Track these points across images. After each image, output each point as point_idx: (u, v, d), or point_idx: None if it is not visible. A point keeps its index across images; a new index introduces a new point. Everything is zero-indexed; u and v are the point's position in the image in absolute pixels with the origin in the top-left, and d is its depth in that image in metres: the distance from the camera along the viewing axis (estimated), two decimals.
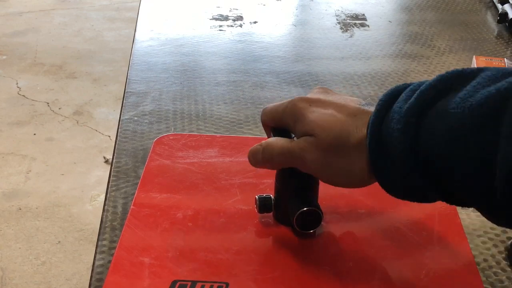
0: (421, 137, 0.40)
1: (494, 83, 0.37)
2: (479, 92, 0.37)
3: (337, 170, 0.47)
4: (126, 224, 0.56)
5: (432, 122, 0.40)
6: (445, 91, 0.40)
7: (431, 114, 0.40)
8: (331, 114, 0.47)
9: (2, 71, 2.99)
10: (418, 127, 0.40)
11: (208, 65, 0.95)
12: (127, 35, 3.35)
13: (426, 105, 0.40)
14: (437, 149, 0.39)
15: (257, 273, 0.50)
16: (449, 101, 0.39)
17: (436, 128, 0.39)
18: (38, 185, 2.15)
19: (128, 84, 0.88)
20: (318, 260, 0.52)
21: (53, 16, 3.72)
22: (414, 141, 0.40)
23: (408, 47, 1.05)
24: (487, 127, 0.36)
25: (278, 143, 0.51)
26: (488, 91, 0.37)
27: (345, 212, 0.58)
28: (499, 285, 0.52)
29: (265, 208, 0.56)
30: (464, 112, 0.37)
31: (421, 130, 0.40)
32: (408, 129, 0.41)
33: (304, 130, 0.48)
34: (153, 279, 0.49)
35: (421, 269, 0.51)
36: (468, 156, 0.37)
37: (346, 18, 1.18)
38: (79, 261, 1.82)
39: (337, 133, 0.46)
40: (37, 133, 2.47)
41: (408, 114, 0.41)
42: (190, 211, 0.58)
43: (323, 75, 0.93)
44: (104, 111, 2.65)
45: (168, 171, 0.64)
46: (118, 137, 0.73)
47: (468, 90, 0.38)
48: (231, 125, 0.77)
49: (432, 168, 0.40)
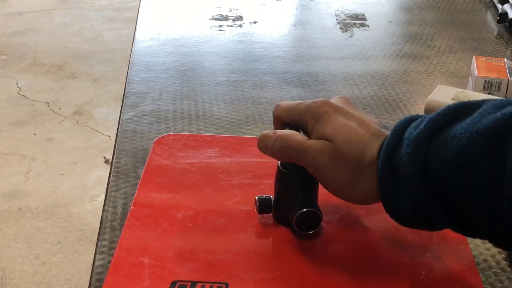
0: (430, 161, 0.41)
1: (499, 109, 0.38)
2: (485, 117, 0.39)
3: (344, 183, 0.48)
4: (126, 224, 0.56)
5: (441, 147, 0.41)
6: (453, 119, 0.42)
7: (440, 140, 0.41)
8: (354, 127, 0.48)
9: (2, 71, 2.99)
10: (427, 152, 0.41)
11: (208, 65, 0.95)
12: (127, 35, 3.35)
13: (435, 132, 0.42)
14: (445, 173, 0.40)
15: (257, 274, 0.50)
16: (457, 127, 0.40)
17: (445, 152, 0.40)
18: (38, 185, 2.15)
19: (128, 84, 0.87)
20: (318, 261, 0.52)
21: (53, 16, 3.72)
22: (423, 166, 0.41)
23: (408, 47, 1.05)
24: (494, 150, 0.37)
25: (295, 137, 0.51)
26: (495, 116, 0.38)
27: (345, 213, 0.58)
28: (499, 285, 0.52)
29: (265, 209, 0.56)
30: (471, 136, 0.38)
31: (430, 155, 0.41)
32: (417, 154, 0.42)
33: (323, 133, 0.49)
34: (153, 280, 0.49)
35: (421, 269, 0.51)
36: (476, 179, 0.38)
37: (346, 18, 1.18)
38: (79, 261, 1.82)
39: (356, 147, 0.47)
40: (37, 133, 2.47)
41: (417, 139, 0.42)
42: (190, 211, 0.58)
43: (323, 75, 0.93)
44: (104, 111, 2.66)
45: (168, 172, 0.64)
46: (118, 137, 0.73)
47: (474, 117, 0.40)
48: (231, 125, 0.77)
49: (440, 192, 0.41)
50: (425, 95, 0.83)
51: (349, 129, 0.48)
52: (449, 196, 0.40)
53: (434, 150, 0.41)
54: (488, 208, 0.38)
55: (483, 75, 0.84)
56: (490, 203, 0.37)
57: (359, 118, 0.49)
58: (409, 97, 0.86)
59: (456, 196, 0.40)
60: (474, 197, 0.38)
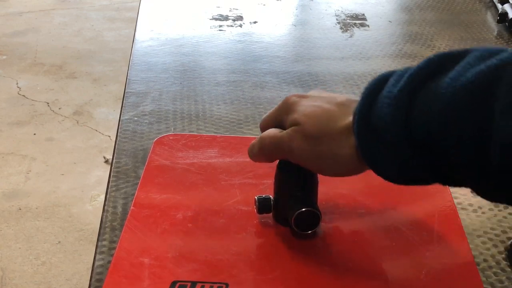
0: (414, 119, 0.40)
1: (483, 61, 0.37)
2: (469, 71, 0.37)
3: (325, 158, 0.47)
4: (126, 224, 0.56)
5: (424, 103, 0.39)
6: (434, 73, 0.40)
7: (422, 96, 0.39)
8: (319, 105, 0.48)
9: (2, 71, 2.99)
10: (410, 109, 0.40)
11: (208, 65, 0.95)
12: (127, 35, 3.35)
13: (416, 88, 0.40)
14: (432, 130, 0.38)
15: (257, 274, 0.50)
16: (440, 82, 0.39)
17: (429, 109, 0.39)
18: (38, 185, 2.15)
19: (128, 84, 0.87)
20: (318, 261, 0.52)
21: (53, 16, 3.72)
22: (407, 124, 0.40)
23: (408, 47, 1.05)
24: (480, 104, 0.36)
25: (269, 134, 0.51)
26: (479, 69, 0.36)
27: (345, 213, 0.58)
28: (499, 285, 0.52)
29: (264, 209, 0.56)
30: (455, 91, 0.37)
31: (414, 113, 0.40)
32: (400, 112, 0.40)
33: (292, 121, 0.49)
34: (153, 280, 0.49)
35: (421, 269, 0.51)
36: (463, 134, 0.37)
37: (346, 18, 1.18)
38: (79, 261, 1.82)
39: (323, 121, 0.47)
40: (37, 133, 2.47)
41: (398, 97, 0.41)
42: (190, 211, 0.58)
43: (323, 75, 0.93)
44: (104, 111, 2.65)
45: (168, 172, 0.64)
46: (118, 137, 0.73)
47: (458, 70, 0.38)
48: (231, 125, 0.77)
49: (427, 149, 0.40)
50: None
51: (315, 108, 0.48)
52: (435, 154, 0.39)
53: (417, 107, 0.39)
54: (476, 165, 0.37)
55: None
56: (478, 159, 0.36)
57: (326, 97, 0.49)
58: None
59: (443, 153, 0.38)
60: (462, 153, 0.37)
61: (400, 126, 0.40)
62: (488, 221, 0.60)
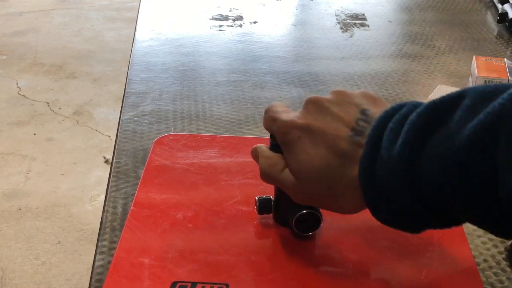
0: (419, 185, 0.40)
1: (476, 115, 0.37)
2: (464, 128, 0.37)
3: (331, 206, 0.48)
4: (126, 225, 0.56)
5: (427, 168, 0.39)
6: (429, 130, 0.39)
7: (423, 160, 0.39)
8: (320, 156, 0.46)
9: (2, 71, 2.99)
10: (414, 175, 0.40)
11: (208, 65, 0.95)
12: (127, 35, 3.35)
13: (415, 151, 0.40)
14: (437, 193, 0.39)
15: (257, 274, 0.50)
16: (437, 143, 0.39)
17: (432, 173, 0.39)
18: (38, 185, 2.15)
19: (128, 84, 0.87)
20: (318, 261, 0.52)
21: (53, 16, 3.72)
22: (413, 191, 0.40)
23: (408, 47, 1.05)
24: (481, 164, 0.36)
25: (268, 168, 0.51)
26: (473, 127, 0.36)
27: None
28: (499, 286, 0.52)
29: (265, 209, 0.56)
30: (456, 153, 0.37)
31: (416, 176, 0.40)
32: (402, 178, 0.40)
33: (291, 168, 0.48)
34: (153, 280, 0.49)
35: (421, 270, 0.51)
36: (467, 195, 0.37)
37: (346, 18, 1.18)
38: (79, 261, 1.82)
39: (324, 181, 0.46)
40: (37, 133, 2.47)
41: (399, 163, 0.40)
42: (190, 212, 0.57)
43: (323, 75, 0.93)
44: (104, 111, 2.65)
45: (168, 172, 0.64)
46: (118, 137, 0.73)
47: (452, 129, 0.38)
48: (231, 125, 0.77)
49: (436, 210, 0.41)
50: (425, 95, 0.83)
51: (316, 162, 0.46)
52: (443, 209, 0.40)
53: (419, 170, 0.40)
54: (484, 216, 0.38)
55: (484, 75, 0.84)
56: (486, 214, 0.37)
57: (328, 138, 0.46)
58: (409, 97, 0.86)
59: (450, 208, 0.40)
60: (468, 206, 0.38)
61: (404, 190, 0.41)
62: None
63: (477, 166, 0.36)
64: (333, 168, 0.45)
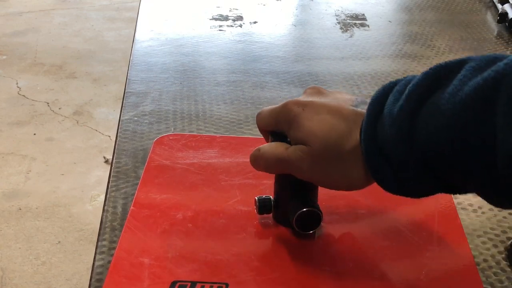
0: (417, 138, 0.40)
1: (480, 73, 0.37)
2: (467, 84, 0.37)
3: (336, 177, 0.48)
4: (126, 225, 0.56)
5: (426, 121, 0.40)
6: (432, 89, 0.40)
7: (423, 114, 0.40)
8: (324, 120, 0.47)
9: (2, 71, 2.99)
10: (413, 128, 0.40)
11: (208, 65, 0.95)
12: (127, 35, 3.35)
13: (416, 105, 0.40)
14: (435, 148, 0.39)
15: (257, 274, 0.50)
16: (439, 98, 0.39)
17: (431, 126, 0.39)
18: (38, 185, 2.15)
19: (128, 84, 0.87)
20: (318, 261, 0.52)
21: (53, 16, 3.72)
22: (411, 143, 0.41)
23: (408, 47, 1.05)
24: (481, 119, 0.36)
25: (274, 152, 0.50)
26: (476, 83, 0.36)
27: (345, 213, 0.58)
28: (499, 285, 0.52)
29: (264, 209, 0.56)
30: (456, 108, 0.37)
31: (416, 132, 0.40)
32: (402, 133, 0.41)
33: (298, 138, 0.48)
34: (153, 280, 0.49)
35: (421, 270, 0.51)
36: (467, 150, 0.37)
37: (346, 18, 1.18)
38: (79, 261, 1.82)
39: (331, 142, 0.46)
40: (37, 133, 2.47)
41: (400, 118, 0.41)
42: (190, 212, 0.58)
43: (323, 75, 0.93)
44: (104, 111, 2.65)
45: (168, 172, 0.64)
46: (118, 137, 0.73)
47: (455, 85, 0.38)
48: (231, 125, 0.77)
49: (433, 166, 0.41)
50: None
51: (321, 125, 0.47)
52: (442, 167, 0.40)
53: (419, 126, 0.40)
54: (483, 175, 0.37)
55: None
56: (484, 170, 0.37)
57: (330, 107, 0.48)
58: None
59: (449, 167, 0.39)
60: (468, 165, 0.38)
61: (404, 146, 0.41)
62: (488, 221, 0.60)
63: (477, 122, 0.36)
64: (338, 131, 0.46)
